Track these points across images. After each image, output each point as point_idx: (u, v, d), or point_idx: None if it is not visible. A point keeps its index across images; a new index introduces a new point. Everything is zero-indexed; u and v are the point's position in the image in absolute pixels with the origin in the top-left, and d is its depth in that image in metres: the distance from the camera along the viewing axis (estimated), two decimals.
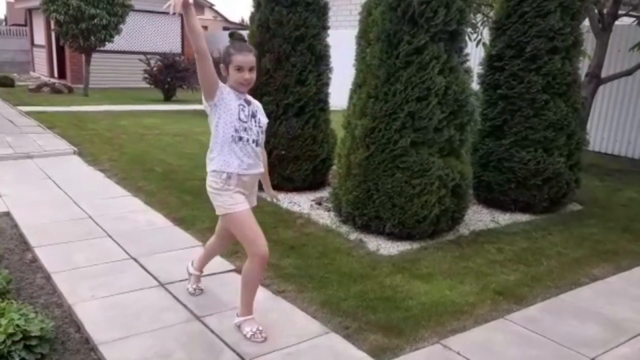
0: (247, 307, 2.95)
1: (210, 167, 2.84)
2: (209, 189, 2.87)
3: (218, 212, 2.90)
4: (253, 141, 2.83)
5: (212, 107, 2.79)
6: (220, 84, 2.78)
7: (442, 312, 3.28)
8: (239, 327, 2.94)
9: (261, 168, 2.95)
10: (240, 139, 2.78)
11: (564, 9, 5.08)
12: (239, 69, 2.77)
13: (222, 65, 2.85)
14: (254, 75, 2.82)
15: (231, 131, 2.77)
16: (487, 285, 3.69)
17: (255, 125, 2.85)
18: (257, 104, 2.96)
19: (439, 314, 3.25)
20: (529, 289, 3.67)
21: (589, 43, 7.66)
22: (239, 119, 2.78)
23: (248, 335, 2.88)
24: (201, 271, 3.41)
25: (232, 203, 2.81)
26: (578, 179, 5.57)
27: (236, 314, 2.99)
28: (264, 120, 2.93)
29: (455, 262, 4.07)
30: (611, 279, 3.95)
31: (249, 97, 2.92)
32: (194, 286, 3.40)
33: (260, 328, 2.90)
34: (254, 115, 2.86)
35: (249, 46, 2.88)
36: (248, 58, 2.78)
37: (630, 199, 6.21)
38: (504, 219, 5.23)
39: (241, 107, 2.81)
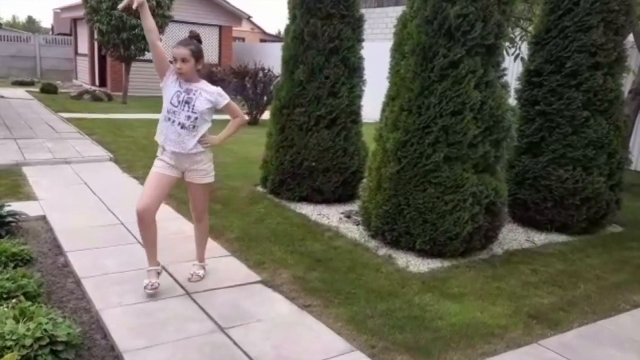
0: (147, 258, 3.49)
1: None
2: None
3: None
4: (179, 124, 3.31)
5: (162, 89, 3.39)
6: (173, 71, 3.33)
7: (473, 334, 3.17)
8: (148, 271, 3.47)
9: (184, 149, 3.35)
10: (169, 119, 3.33)
11: (607, 24, 4.93)
12: (174, 60, 3.28)
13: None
14: (184, 65, 3.27)
15: (165, 111, 3.35)
16: (520, 307, 3.56)
17: (186, 112, 3.30)
18: (202, 93, 3.34)
19: (469, 336, 3.14)
20: (565, 314, 3.52)
21: (633, 59, 7.41)
22: (171, 102, 3.32)
23: (144, 283, 3.39)
24: (199, 260, 3.81)
25: (153, 165, 3.44)
26: (619, 200, 5.36)
27: None
28: (197, 107, 3.31)
29: (487, 282, 3.95)
30: None
31: (197, 87, 3.35)
32: (191, 272, 3.74)
33: (154, 281, 3.40)
34: (187, 102, 3.31)
35: (187, 41, 3.35)
36: (180, 50, 3.27)
37: None
38: (540, 238, 5.06)
39: (177, 93, 3.32)
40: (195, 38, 3.41)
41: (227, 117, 3.55)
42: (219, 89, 3.44)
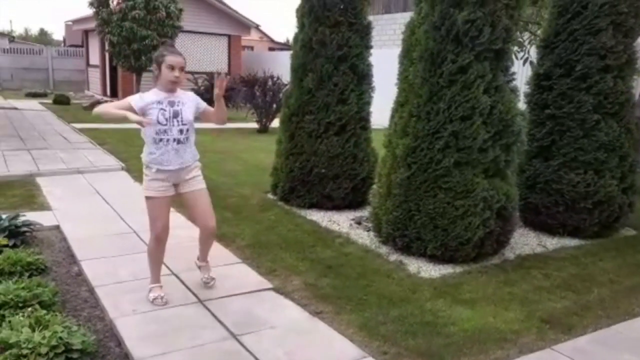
0: (153, 276, 3.50)
1: (142, 155, 3.35)
2: None
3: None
4: (174, 140, 3.23)
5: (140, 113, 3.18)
6: (134, 99, 3.18)
7: (485, 339, 3.16)
8: (148, 291, 3.45)
9: (183, 164, 3.30)
10: (161, 140, 3.21)
11: (617, 26, 4.90)
12: (172, 68, 3.17)
13: (154, 66, 3.23)
14: (182, 74, 3.22)
15: (153, 134, 3.20)
16: (533, 312, 3.54)
17: (178, 125, 3.22)
18: (184, 101, 3.28)
19: (481, 342, 3.13)
20: (579, 318, 3.49)
21: None
22: (158, 122, 3.17)
23: (151, 300, 3.40)
24: (206, 261, 3.76)
25: (147, 188, 3.31)
26: (632, 203, 5.30)
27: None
28: (186, 117, 3.25)
29: (499, 287, 3.93)
30: None
31: (177, 96, 3.26)
32: (206, 276, 3.73)
33: (162, 294, 3.41)
34: (176, 116, 3.22)
35: (177, 49, 3.31)
36: (179, 59, 3.20)
37: None
38: (552, 243, 5.03)
39: (161, 111, 3.18)
40: (170, 46, 3.39)
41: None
42: (193, 93, 3.43)
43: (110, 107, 3.20)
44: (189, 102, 3.31)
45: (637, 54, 5.16)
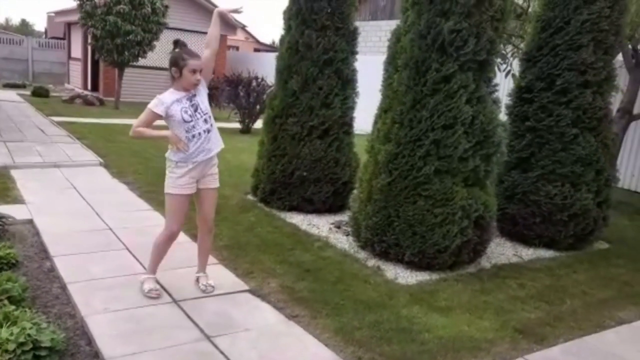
0: (151, 267, 3.54)
1: (169, 154, 3.35)
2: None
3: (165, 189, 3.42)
4: (205, 131, 3.30)
5: (166, 121, 3.30)
6: (155, 105, 3.22)
7: (460, 347, 3.17)
8: (141, 282, 3.51)
9: (218, 147, 3.43)
10: (194, 136, 3.27)
11: (597, 43, 5.00)
12: (194, 71, 3.25)
13: (174, 69, 3.26)
14: (200, 75, 3.31)
15: (184, 133, 3.26)
16: (507, 322, 3.57)
17: (201, 117, 3.30)
18: (196, 92, 3.32)
19: (455, 350, 3.14)
20: (551, 329, 3.54)
21: (622, 78, 7.52)
22: (185, 121, 3.24)
23: (146, 291, 3.44)
24: (204, 272, 3.76)
25: (174, 185, 3.34)
26: (606, 217, 5.40)
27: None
28: (204, 106, 3.33)
29: (475, 296, 3.96)
30: (638, 323, 3.79)
31: (191, 91, 3.31)
32: (204, 283, 3.69)
33: (157, 287, 3.48)
34: (196, 108, 3.29)
35: (193, 51, 3.35)
36: (199, 62, 3.29)
37: None
38: (527, 253, 5.09)
39: (184, 110, 3.25)
40: (184, 46, 3.40)
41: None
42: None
43: (145, 130, 3.26)
44: (198, 91, 3.35)
45: (615, 71, 5.27)
